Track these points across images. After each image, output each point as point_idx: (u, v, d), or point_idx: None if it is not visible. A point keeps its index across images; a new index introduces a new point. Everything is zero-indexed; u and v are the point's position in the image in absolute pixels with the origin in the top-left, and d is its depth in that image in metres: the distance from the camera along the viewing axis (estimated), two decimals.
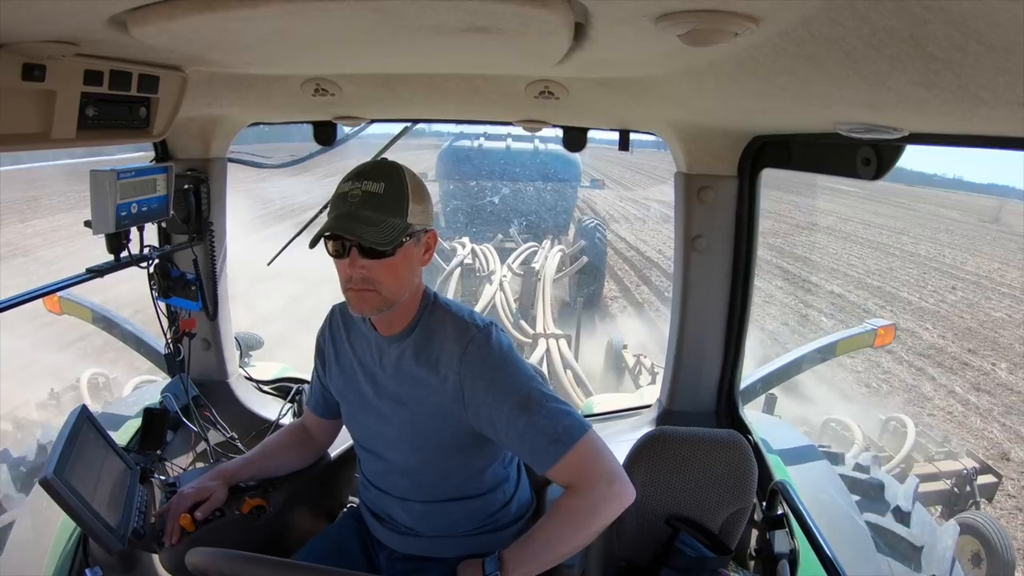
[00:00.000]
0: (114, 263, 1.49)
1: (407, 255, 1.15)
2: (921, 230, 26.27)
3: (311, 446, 1.53)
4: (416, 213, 1.13)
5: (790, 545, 1.47)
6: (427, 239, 1.19)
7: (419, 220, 1.14)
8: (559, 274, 10.22)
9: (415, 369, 1.21)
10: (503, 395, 1.14)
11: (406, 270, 1.15)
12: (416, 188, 1.15)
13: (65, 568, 1.41)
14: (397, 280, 1.15)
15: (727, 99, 1.17)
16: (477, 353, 1.17)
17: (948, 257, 20.34)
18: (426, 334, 1.22)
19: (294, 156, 2.18)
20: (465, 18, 0.75)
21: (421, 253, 1.18)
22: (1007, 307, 14.31)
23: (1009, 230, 27.39)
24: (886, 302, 14.08)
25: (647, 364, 6.99)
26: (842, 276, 16.22)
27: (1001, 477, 5.46)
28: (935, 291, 15.54)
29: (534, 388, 1.15)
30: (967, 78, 0.60)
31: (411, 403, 1.22)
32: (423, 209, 1.15)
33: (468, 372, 1.16)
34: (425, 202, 1.17)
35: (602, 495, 1.10)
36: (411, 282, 1.18)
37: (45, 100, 0.99)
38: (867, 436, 5.60)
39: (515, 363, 1.18)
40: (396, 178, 1.13)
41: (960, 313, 13.73)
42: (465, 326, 1.20)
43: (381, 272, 1.12)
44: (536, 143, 14.36)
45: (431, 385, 1.20)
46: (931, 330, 12.34)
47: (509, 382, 1.15)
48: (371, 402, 1.28)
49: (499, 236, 13.05)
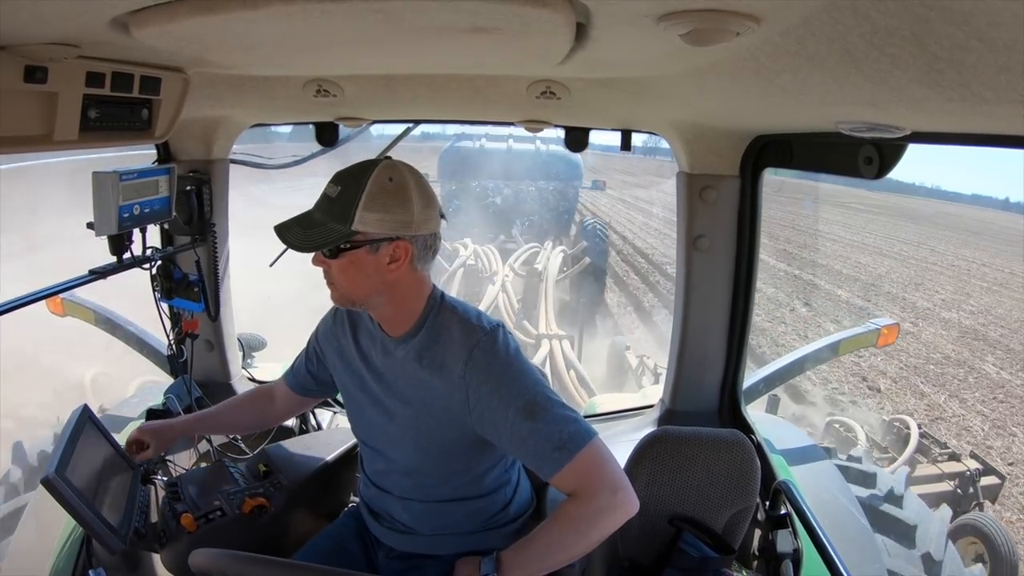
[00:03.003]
0: (117, 264, 1.49)
1: (356, 262, 1.12)
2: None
3: (270, 411, 1.56)
4: (368, 221, 1.09)
5: (793, 545, 1.47)
6: (391, 249, 1.12)
7: (376, 228, 1.10)
8: (561, 275, 10.23)
9: (420, 371, 1.20)
10: (508, 400, 1.13)
11: (358, 276, 1.13)
12: (379, 197, 1.10)
13: (68, 568, 1.41)
14: (349, 283, 1.15)
15: (729, 98, 1.17)
16: (482, 357, 1.15)
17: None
18: (432, 335, 1.20)
19: (296, 156, 2.18)
20: (466, 19, 0.75)
21: (384, 262, 1.13)
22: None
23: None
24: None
25: (650, 365, 6.99)
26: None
27: (1005, 478, 5.44)
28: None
29: (540, 393, 1.14)
30: (969, 76, 0.60)
31: (416, 404, 1.22)
32: (383, 218, 1.10)
33: (473, 376, 1.15)
34: (388, 211, 1.10)
35: (605, 504, 1.09)
36: (372, 287, 1.15)
37: (47, 102, 0.99)
38: (870, 437, 5.59)
39: (521, 367, 1.16)
40: (355, 184, 1.10)
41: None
42: (471, 328, 1.18)
43: (333, 272, 1.15)
44: (537, 144, 14.37)
45: (436, 388, 1.19)
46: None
47: (514, 387, 1.14)
48: (376, 400, 1.28)
49: (501, 237, 13.07)
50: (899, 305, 16.00)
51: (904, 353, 11.75)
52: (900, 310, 15.36)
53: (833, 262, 21.18)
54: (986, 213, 57.67)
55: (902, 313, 14.91)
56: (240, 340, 2.23)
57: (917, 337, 12.96)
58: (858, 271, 20.19)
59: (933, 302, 16.77)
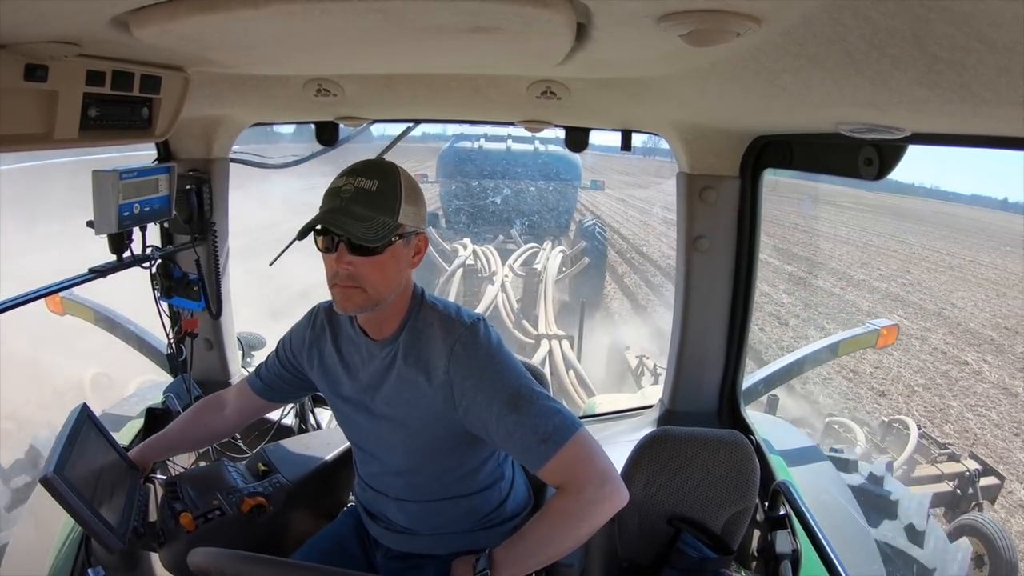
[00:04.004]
0: (116, 263, 1.49)
1: (395, 255, 1.13)
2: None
3: (218, 426, 1.48)
4: (408, 214, 1.12)
5: (792, 545, 1.47)
6: (417, 242, 1.17)
7: (411, 222, 1.13)
8: (560, 275, 10.23)
9: (405, 371, 1.20)
10: (492, 393, 1.13)
11: (394, 270, 1.14)
12: (410, 189, 1.14)
13: (67, 567, 1.41)
14: (384, 279, 1.13)
15: (729, 99, 1.17)
16: (464, 352, 1.15)
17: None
18: (414, 335, 1.20)
19: (296, 156, 2.18)
20: (467, 18, 0.75)
21: (411, 255, 1.17)
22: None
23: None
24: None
25: (649, 365, 6.99)
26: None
27: (1004, 479, 5.45)
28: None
29: (523, 385, 1.14)
30: (969, 78, 0.60)
31: (402, 406, 1.21)
32: (415, 211, 1.14)
33: (457, 372, 1.15)
34: (418, 204, 1.15)
35: (593, 497, 1.08)
36: (397, 283, 1.16)
37: (47, 101, 0.99)
38: (869, 438, 5.60)
39: (504, 359, 1.16)
40: (391, 177, 1.12)
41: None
42: (451, 324, 1.18)
43: (368, 269, 1.11)
44: (536, 144, 14.39)
45: (421, 387, 1.18)
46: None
47: (498, 380, 1.14)
48: (362, 406, 1.27)
49: (500, 237, 13.07)
50: (837, 276, 18.65)
51: (823, 306, 15.11)
52: (836, 279, 18.19)
53: (793, 247, 22.49)
54: (984, 213, 58.01)
55: (837, 282, 17.87)
56: (240, 339, 2.23)
57: (841, 298, 16.05)
58: (812, 252, 21.86)
59: (870, 276, 19.31)
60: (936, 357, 12.11)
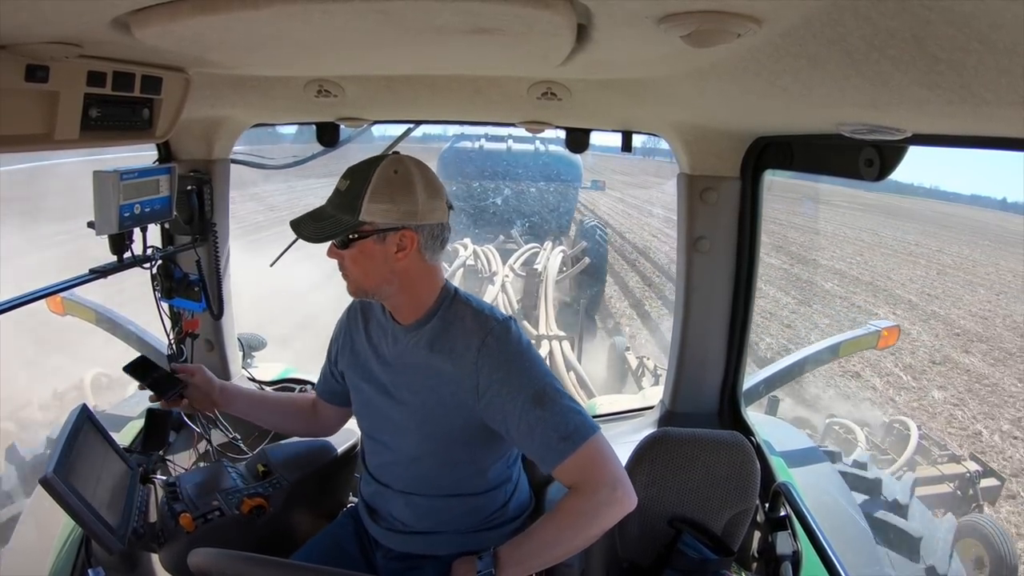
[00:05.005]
0: (117, 264, 1.49)
1: (365, 251, 1.17)
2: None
3: (313, 423, 1.58)
4: (375, 212, 1.14)
5: (793, 547, 1.47)
6: (397, 238, 1.17)
7: (382, 219, 1.15)
8: (561, 275, 10.22)
9: (431, 357, 1.23)
10: (518, 387, 1.15)
11: (370, 264, 1.19)
12: (386, 188, 1.14)
13: (67, 568, 1.41)
14: (362, 272, 1.20)
15: (729, 100, 1.17)
16: (496, 344, 1.18)
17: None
18: (444, 324, 1.24)
19: (296, 157, 2.18)
20: (468, 20, 0.75)
21: (391, 251, 1.18)
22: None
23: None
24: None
25: (650, 366, 6.98)
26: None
27: (1004, 480, 5.45)
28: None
29: (549, 384, 1.17)
30: (969, 79, 0.60)
31: (424, 390, 1.24)
32: (388, 209, 1.15)
33: (485, 363, 1.18)
34: (394, 202, 1.15)
35: (606, 498, 1.10)
36: (382, 276, 1.20)
37: (48, 101, 0.99)
38: (870, 439, 5.59)
39: (532, 358, 1.20)
40: (362, 177, 1.16)
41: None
42: (485, 318, 1.23)
43: (347, 263, 1.20)
44: (537, 144, 14.36)
45: (446, 373, 1.21)
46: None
47: (525, 376, 1.17)
48: (383, 389, 1.29)
49: (501, 237, 13.04)
50: (794, 258, 20.29)
51: (781, 280, 16.74)
52: (791, 260, 19.83)
53: (765, 236, 23.07)
54: (983, 213, 57.97)
55: (788, 260, 19.67)
56: (240, 340, 2.23)
57: (788, 271, 18.07)
58: (778, 240, 22.91)
59: (827, 259, 21.06)
60: (855, 312, 14.46)
